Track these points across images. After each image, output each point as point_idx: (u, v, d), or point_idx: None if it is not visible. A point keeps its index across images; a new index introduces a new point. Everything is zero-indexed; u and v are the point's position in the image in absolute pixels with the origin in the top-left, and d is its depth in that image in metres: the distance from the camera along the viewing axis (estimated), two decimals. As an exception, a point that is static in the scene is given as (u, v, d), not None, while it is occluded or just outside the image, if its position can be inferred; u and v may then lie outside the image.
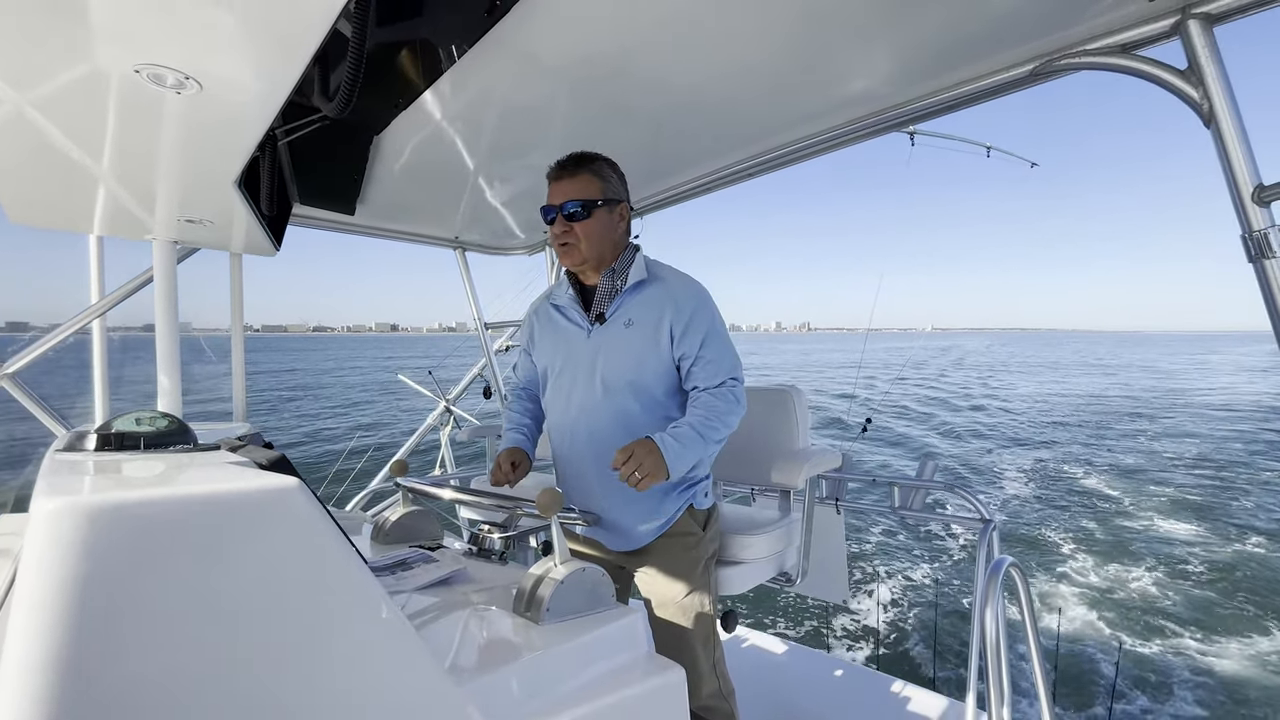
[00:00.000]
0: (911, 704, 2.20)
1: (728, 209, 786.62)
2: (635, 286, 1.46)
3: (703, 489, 1.52)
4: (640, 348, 1.42)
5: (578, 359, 1.49)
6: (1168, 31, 1.24)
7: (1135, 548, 9.70)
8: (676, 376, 1.46)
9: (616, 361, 1.44)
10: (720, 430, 1.38)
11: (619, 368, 1.43)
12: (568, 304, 1.53)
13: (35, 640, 0.47)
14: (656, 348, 1.42)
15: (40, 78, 0.95)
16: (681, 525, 1.47)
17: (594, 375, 1.45)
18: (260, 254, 2.31)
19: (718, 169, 2.30)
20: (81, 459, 0.80)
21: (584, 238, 1.44)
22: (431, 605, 1.03)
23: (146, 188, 1.54)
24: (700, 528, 1.50)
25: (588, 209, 1.44)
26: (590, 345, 1.47)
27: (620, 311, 1.46)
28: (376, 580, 0.66)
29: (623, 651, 0.94)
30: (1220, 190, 1.17)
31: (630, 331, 1.44)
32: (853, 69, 1.57)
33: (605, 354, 1.45)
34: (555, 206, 1.45)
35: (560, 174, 1.47)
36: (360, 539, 1.48)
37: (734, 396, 1.42)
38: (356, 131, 1.90)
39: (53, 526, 0.48)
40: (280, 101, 1.02)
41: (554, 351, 1.54)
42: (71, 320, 2.20)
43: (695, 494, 1.50)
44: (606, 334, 1.46)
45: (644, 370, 1.42)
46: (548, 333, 1.58)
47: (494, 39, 1.35)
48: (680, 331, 1.41)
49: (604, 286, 1.49)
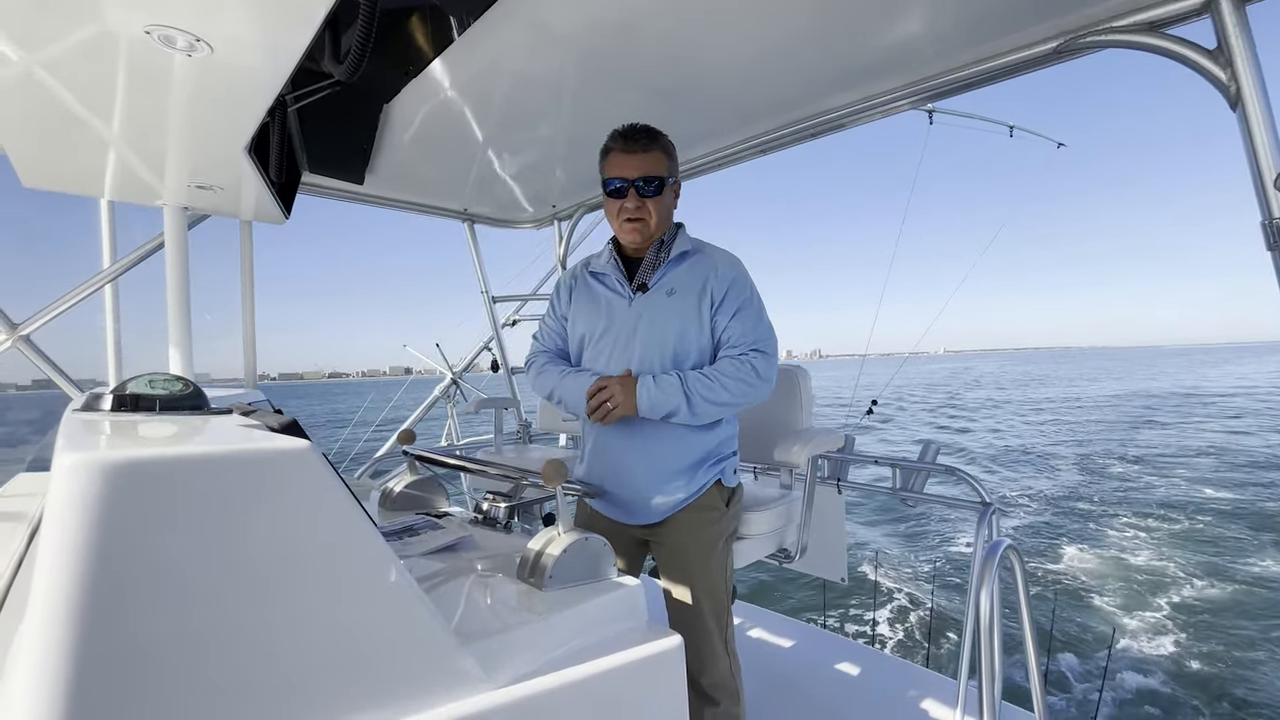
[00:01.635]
0: (905, 680, 2.24)
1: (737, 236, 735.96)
2: (679, 258, 1.47)
3: (731, 465, 1.50)
4: (683, 315, 1.42)
5: (618, 326, 1.47)
6: (1198, 9, 1.20)
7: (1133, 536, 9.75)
8: (713, 348, 1.45)
9: (659, 329, 1.43)
10: (717, 392, 1.35)
11: (661, 335, 1.42)
12: (609, 272, 1.51)
13: (59, 590, 0.49)
14: (698, 316, 1.42)
15: (50, 38, 0.95)
16: (707, 499, 1.45)
17: (634, 342, 1.44)
18: (270, 221, 2.31)
19: (731, 144, 2.27)
20: (99, 419, 0.82)
21: (655, 214, 1.43)
22: (437, 570, 1.05)
23: (157, 152, 1.53)
24: (724, 504, 1.49)
25: (661, 186, 1.42)
26: (632, 313, 1.46)
27: (664, 281, 1.46)
28: (386, 542, 0.68)
29: (622, 619, 0.97)
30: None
31: (673, 300, 1.43)
32: (871, 44, 1.54)
33: (647, 321, 1.44)
34: (628, 180, 1.40)
35: (632, 146, 1.41)
36: (368, 506, 1.51)
37: (751, 366, 1.38)
38: (366, 99, 1.89)
39: (75, 481, 0.49)
40: (291, 65, 1.01)
41: (593, 318, 1.51)
42: (83, 284, 2.22)
43: (724, 470, 1.48)
44: (649, 302, 1.45)
45: (685, 339, 1.42)
46: (585, 299, 1.55)
47: (503, 8, 1.33)
48: (720, 298, 1.42)
49: (650, 257, 1.48)
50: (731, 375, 1.36)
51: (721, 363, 1.40)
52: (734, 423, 1.54)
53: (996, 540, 1.56)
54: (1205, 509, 11.17)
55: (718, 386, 1.35)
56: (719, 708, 1.45)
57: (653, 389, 1.35)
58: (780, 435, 1.80)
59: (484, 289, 3.61)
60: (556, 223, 3.34)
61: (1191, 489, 12.86)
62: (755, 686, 2.22)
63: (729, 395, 1.36)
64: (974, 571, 1.52)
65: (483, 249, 3.51)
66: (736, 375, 1.36)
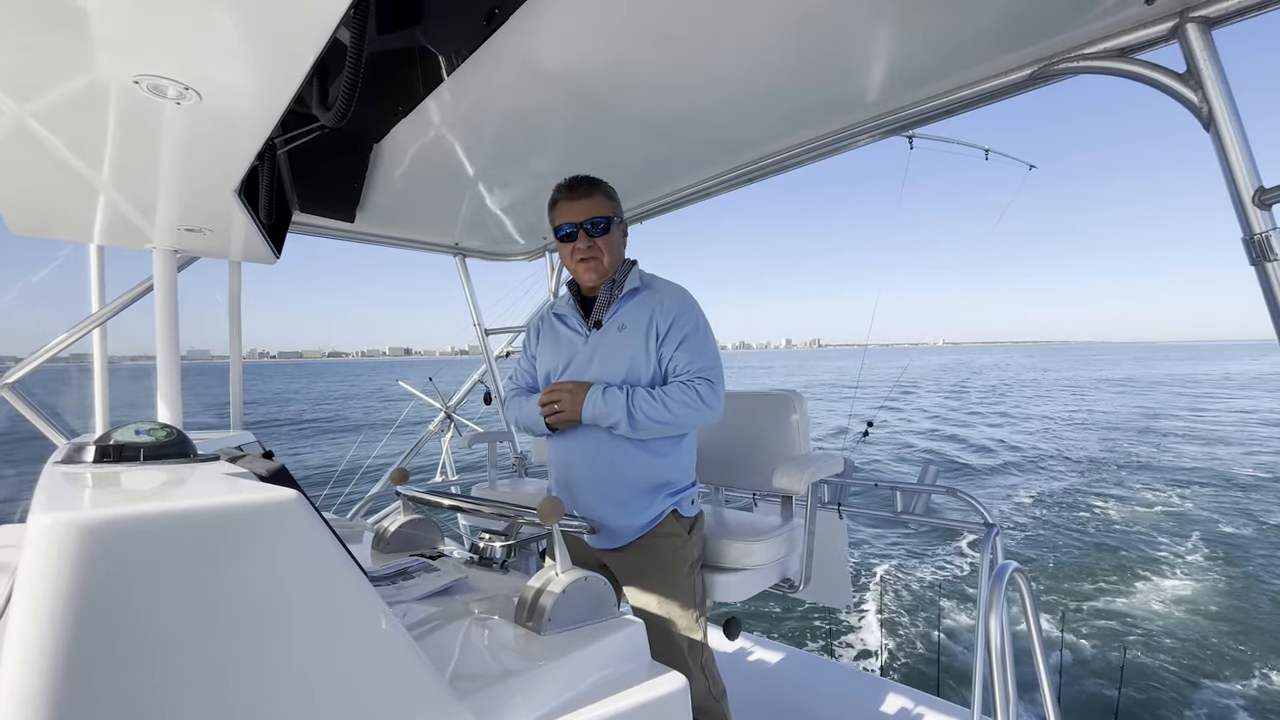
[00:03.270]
0: (917, 711, 2.18)
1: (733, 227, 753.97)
2: (629, 294, 1.58)
3: (688, 496, 1.57)
4: (632, 349, 1.51)
5: (576, 361, 1.58)
6: (1166, 35, 1.24)
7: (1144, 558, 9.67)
8: (662, 378, 1.53)
9: (610, 363, 1.53)
10: (658, 411, 1.43)
11: (611, 368, 1.52)
12: (569, 312, 1.64)
13: (30, 655, 0.46)
14: (646, 350, 1.51)
15: (41, 89, 0.95)
16: (666, 526, 1.52)
17: (587, 375, 1.54)
18: (260, 262, 2.31)
19: (717, 174, 2.30)
20: (80, 471, 0.80)
21: (607, 251, 1.56)
22: (433, 615, 1.02)
23: (147, 197, 1.54)
24: (686, 531, 1.54)
25: (608, 226, 1.56)
26: (588, 348, 1.57)
27: (615, 317, 1.57)
28: (376, 592, 0.66)
29: (625, 661, 0.94)
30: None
31: (623, 335, 1.53)
32: (851, 74, 1.58)
33: (601, 356, 1.54)
34: (577, 223, 1.54)
35: (575, 193, 1.56)
36: (361, 548, 1.48)
37: (697, 393, 1.46)
38: (356, 140, 1.91)
39: (48, 541, 0.47)
40: (280, 111, 1.02)
41: (554, 356, 1.63)
42: (72, 330, 2.20)
43: (680, 500, 1.55)
44: (602, 338, 1.56)
45: (635, 370, 1.50)
46: (549, 340, 1.67)
47: (492, 48, 1.35)
48: (664, 331, 1.51)
49: (603, 296, 1.60)
50: (675, 398, 1.45)
51: (670, 386, 1.48)
52: (692, 451, 1.62)
53: (1003, 564, 1.54)
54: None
55: (660, 406, 1.44)
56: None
57: (598, 399, 1.45)
58: (778, 462, 1.78)
59: (476, 322, 3.61)
60: (548, 255, 3.36)
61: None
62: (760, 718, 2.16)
63: (670, 415, 1.44)
64: (981, 597, 1.50)
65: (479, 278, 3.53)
66: (680, 399, 1.45)
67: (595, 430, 1.50)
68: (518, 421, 1.66)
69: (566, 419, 1.49)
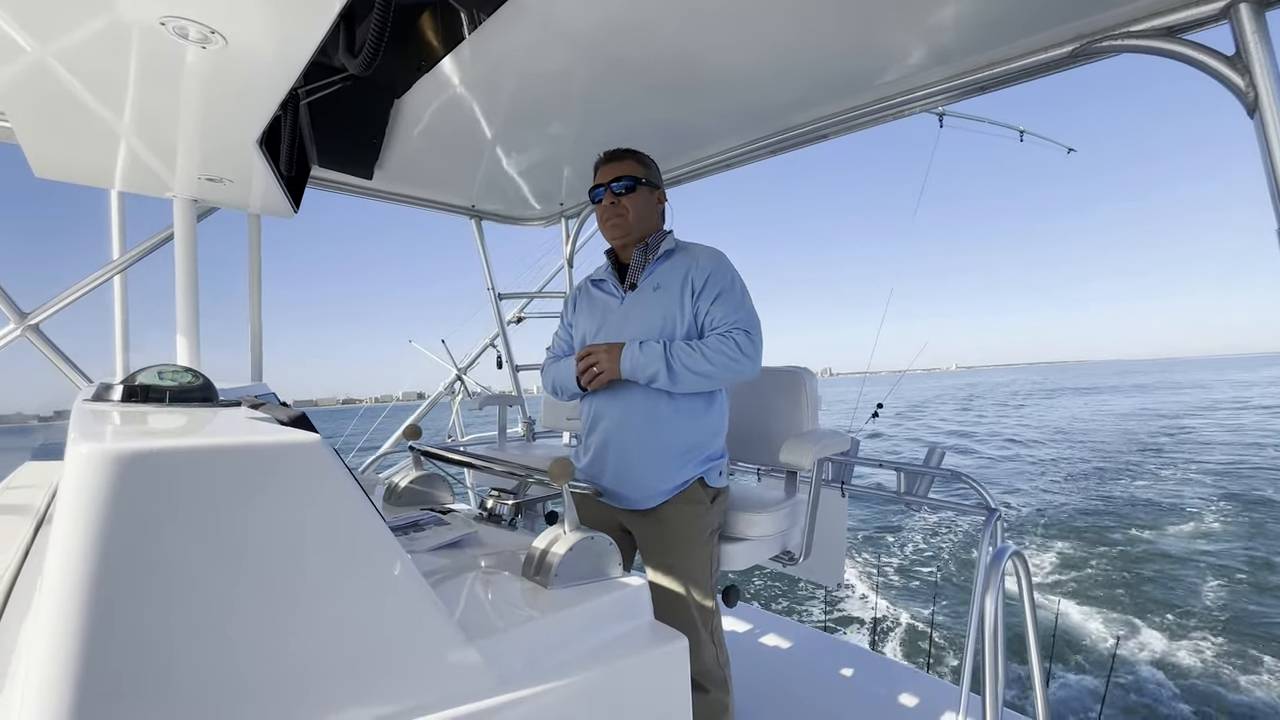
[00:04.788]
0: (907, 686, 2.23)
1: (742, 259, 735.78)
2: (664, 256, 1.60)
3: (717, 466, 1.58)
4: (667, 307, 1.53)
5: (612, 323, 1.61)
6: (1216, 15, 1.19)
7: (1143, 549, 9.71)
8: (698, 334, 1.53)
9: (645, 320, 1.54)
10: (699, 362, 1.43)
11: (646, 326, 1.53)
12: (605, 278, 1.67)
13: (71, 578, 0.49)
14: (681, 306, 1.52)
15: (63, 27, 0.95)
16: (692, 493, 1.53)
17: (625, 335, 1.55)
18: (279, 214, 2.32)
19: (741, 144, 2.26)
20: (109, 409, 0.82)
21: (631, 209, 1.58)
22: (443, 566, 1.05)
23: (168, 144, 1.54)
24: (709, 500, 1.56)
25: (633, 185, 1.59)
26: (623, 310, 1.60)
27: (650, 278, 1.59)
28: (393, 536, 0.68)
29: (627, 619, 0.96)
30: None
31: (658, 294, 1.55)
32: (885, 44, 1.53)
33: (636, 316, 1.57)
34: (604, 184, 1.60)
35: (608, 159, 1.63)
36: (373, 500, 1.51)
37: (735, 343, 1.45)
38: (377, 94, 1.89)
39: (90, 470, 0.49)
40: (305, 59, 1.01)
41: (592, 319, 1.66)
42: (94, 275, 2.23)
43: (710, 470, 1.55)
44: (637, 298, 1.59)
45: (669, 326, 1.52)
46: (586, 306, 1.71)
47: (515, 5, 1.33)
48: (700, 287, 1.52)
49: (637, 260, 1.63)
50: (714, 348, 1.44)
51: (708, 338, 1.48)
52: (723, 416, 1.62)
53: (1001, 546, 1.55)
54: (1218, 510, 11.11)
55: (699, 357, 1.43)
56: (708, 695, 1.51)
57: (636, 353, 1.46)
58: (785, 437, 1.79)
59: (490, 285, 3.61)
60: (564, 220, 3.34)
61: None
62: (754, 689, 2.22)
63: (710, 366, 1.43)
64: (978, 577, 1.51)
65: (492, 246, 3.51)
66: (719, 349, 1.44)
67: (630, 389, 1.51)
68: (555, 383, 1.68)
69: (606, 378, 1.49)
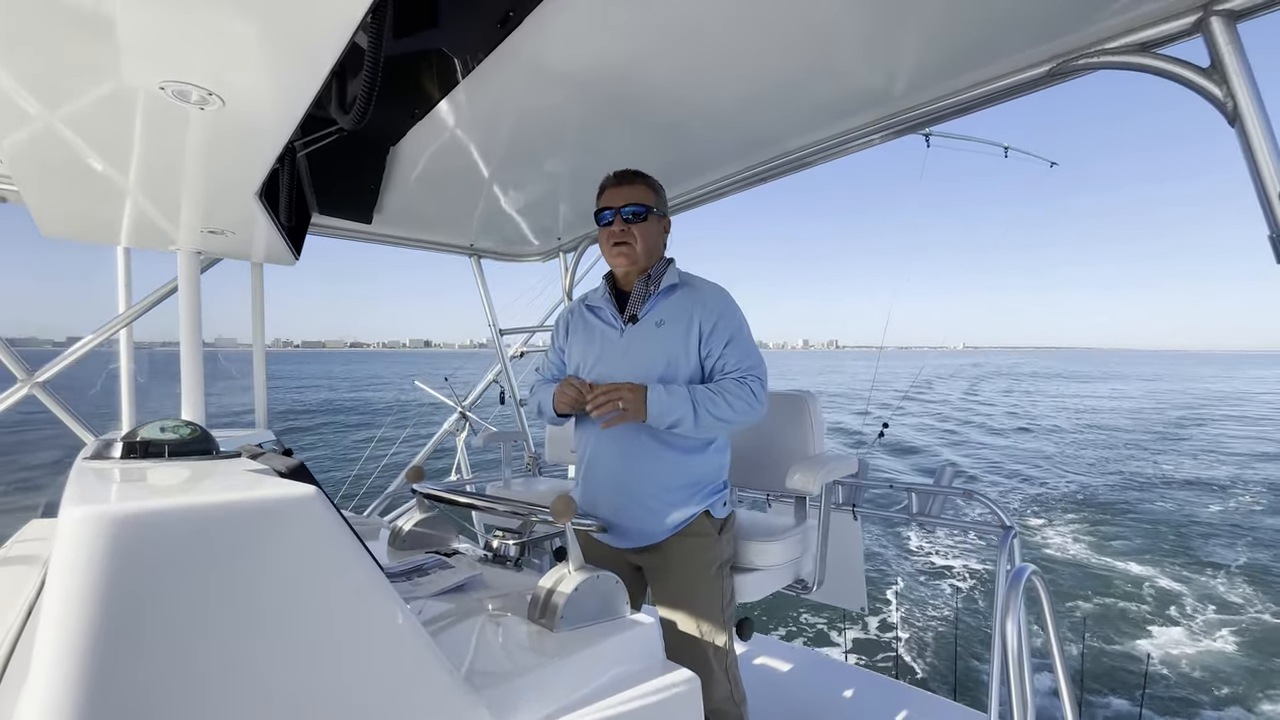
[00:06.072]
0: (932, 714, 2.16)
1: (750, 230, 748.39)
2: (667, 290, 1.55)
3: (721, 498, 1.55)
4: (671, 346, 1.49)
5: (610, 356, 1.55)
6: (1189, 29, 1.22)
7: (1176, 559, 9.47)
8: (701, 377, 1.51)
9: (648, 358, 1.50)
10: (720, 408, 1.41)
11: (650, 364, 1.49)
12: (603, 305, 1.61)
13: (63, 642, 0.48)
14: (686, 347, 1.49)
15: (70, 94, 0.98)
16: (697, 526, 1.49)
17: (622, 370, 1.51)
18: (280, 263, 2.36)
19: (731, 174, 2.30)
20: (108, 466, 0.82)
21: (640, 238, 1.54)
22: (447, 611, 1.03)
23: (171, 200, 1.57)
24: (716, 532, 1.52)
25: (644, 213, 1.54)
26: (623, 343, 1.54)
27: (652, 313, 1.54)
28: (392, 587, 0.67)
29: (637, 659, 0.94)
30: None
31: (661, 331, 1.51)
32: (867, 72, 1.56)
33: (637, 351, 1.52)
34: (615, 208, 1.54)
35: (619, 181, 1.57)
36: (377, 545, 1.50)
37: (750, 390, 1.44)
38: (374, 142, 1.93)
39: (80, 533, 0.49)
40: (300, 114, 1.04)
41: (587, 348, 1.61)
42: (99, 330, 2.26)
43: (714, 502, 1.52)
44: (639, 333, 1.53)
45: (673, 367, 1.48)
46: (580, 332, 1.65)
47: (507, 50, 1.36)
48: (708, 331, 1.49)
49: (638, 290, 1.57)
50: (735, 394, 1.43)
51: (725, 382, 1.46)
52: (725, 451, 1.59)
53: (1020, 567, 1.52)
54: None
55: (722, 402, 1.42)
56: None
57: (663, 396, 1.40)
58: (792, 462, 1.77)
59: (491, 322, 3.64)
60: (562, 255, 3.38)
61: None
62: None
63: (731, 412, 1.42)
64: (998, 600, 1.48)
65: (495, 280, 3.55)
66: (739, 394, 1.43)
67: (630, 426, 1.45)
68: (540, 407, 1.63)
69: (631, 419, 1.41)
